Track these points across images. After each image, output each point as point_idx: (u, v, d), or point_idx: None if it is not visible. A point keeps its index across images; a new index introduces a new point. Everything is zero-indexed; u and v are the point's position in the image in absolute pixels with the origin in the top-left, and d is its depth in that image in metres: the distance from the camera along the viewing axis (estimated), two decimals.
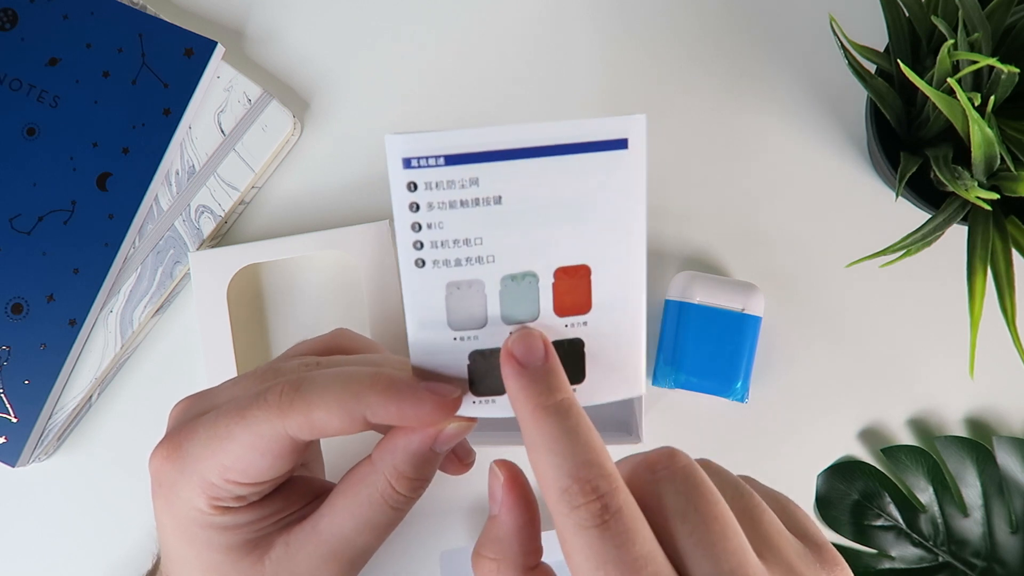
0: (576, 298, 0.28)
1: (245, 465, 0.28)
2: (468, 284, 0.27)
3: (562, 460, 0.23)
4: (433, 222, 0.27)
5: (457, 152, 0.26)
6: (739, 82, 0.46)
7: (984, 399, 0.44)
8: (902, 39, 0.38)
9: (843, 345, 0.45)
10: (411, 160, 0.26)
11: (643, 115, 0.26)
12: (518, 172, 0.26)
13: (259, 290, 0.46)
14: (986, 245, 0.36)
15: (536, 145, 0.26)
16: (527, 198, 0.27)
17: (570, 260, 0.28)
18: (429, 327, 0.28)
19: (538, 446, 0.24)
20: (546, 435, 0.24)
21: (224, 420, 0.28)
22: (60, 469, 0.46)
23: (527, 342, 0.26)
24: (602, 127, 0.26)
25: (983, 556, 0.43)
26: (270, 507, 0.30)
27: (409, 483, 0.28)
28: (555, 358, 0.26)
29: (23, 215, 0.44)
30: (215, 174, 0.45)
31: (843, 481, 0.44)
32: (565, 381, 0.26)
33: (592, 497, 0.22)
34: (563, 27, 0.47)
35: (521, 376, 0.25)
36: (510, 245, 0.27)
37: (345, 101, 0.47)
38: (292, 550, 0.29)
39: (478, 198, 0.26)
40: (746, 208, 0.45)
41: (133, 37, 0.44)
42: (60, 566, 0.45)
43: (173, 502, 0.29)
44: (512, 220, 0.27)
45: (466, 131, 0.26)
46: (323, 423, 0.27)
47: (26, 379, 0.43)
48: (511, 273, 0.28)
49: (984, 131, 0.33)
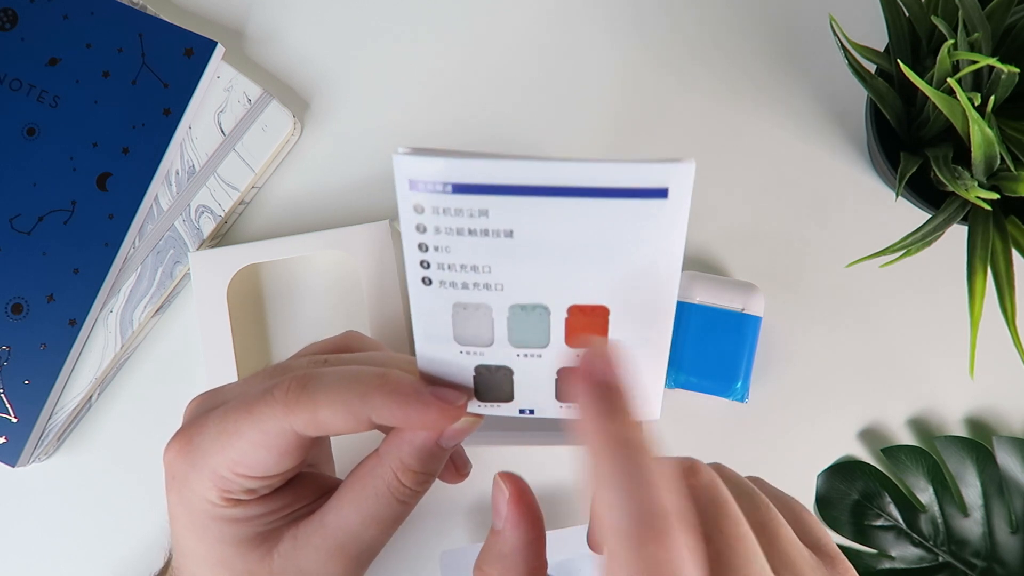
0: (591, 333, 0.26)
1: (252, 460, 0.28)
2: (475, 307, 0.26)
3: (629, 499, 0.21)
4: (440, 245, 0.24)
5: (465, 182, 0.23)
6: (739, 82, 0.46)
7: (984, 399, 0.44)
8: (902, 39, 0.38)
9: (843, 345, 0.45)
10: (417, 183, 0.23)
11: (691, 163, 0.22)
12: (535, 209, 0.23)
13: (259, 290, 0.46)
14: (986, 245, 0.36)
15: (560, 185, 0.23)
16: (542, 235, 0.24)
17: (587, 300, 0.25)
18: (435, 340, 0.27)
19: (606, 480, 0.21)
20: (618, 470, 0.21)
21: (233, 415, 0.28)
22: (60, 469, 0.46)
23: (604, 356, 0.23)
24: (639, 174, 0.23)
25: (983, 556, 0.43)
26: (280, 501, 0.30)
27: (415, 477, 0.29)
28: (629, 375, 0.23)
29: (23, 215, 0.44)
30: (215, 174, 0.45)
31: (843, 481, 0.44)
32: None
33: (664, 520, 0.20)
34: (564, 28, 0.47)
35: (598, 400, 0.23)
36: (521, 277, 0.25)
37: (345, 101, 0.47)
38: (299, 543, 0.29)
39: (487, 229, 0.24)
40: (746, 208, 0.45)
41: (133, 37, 0.44)
42: (60, 566, 0.45)
43: (185, 495, 0.29)
44: (524, 254, 0.24)
45: (479, 160, 0.23)
46: (328, 422, 0.27)
47: (26, 379, 0.43)
48: (520, 303, 0.26)
49: (984, 131, 0.33)
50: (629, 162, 0.22)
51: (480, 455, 0.44)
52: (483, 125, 0.46)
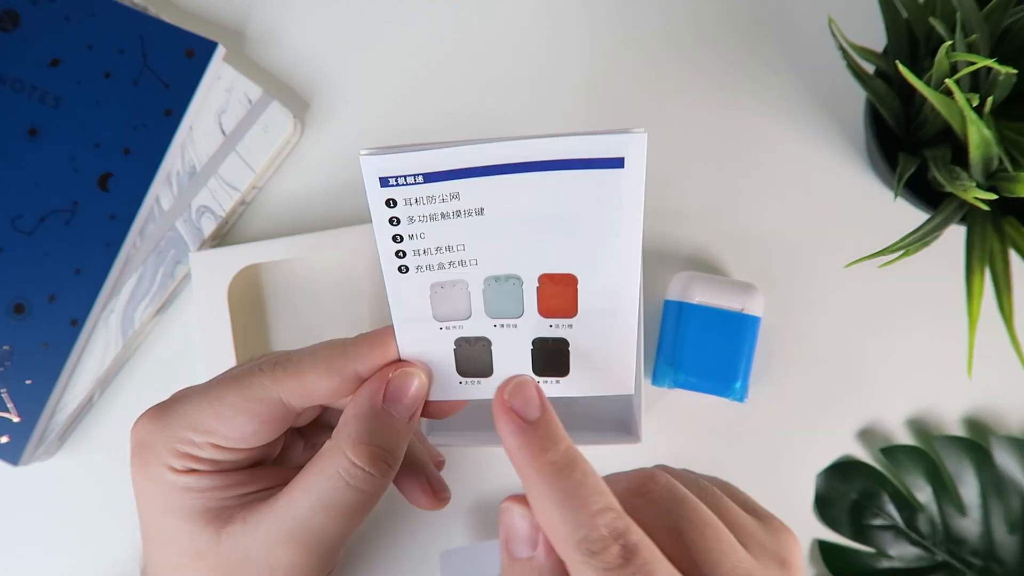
0: (561, 303, 0.28)
1: (229, 428, 0.29)
2: (452, 284, 0.27)
3: (577, 513, 0.23)
4: (415, 233, 0.26)
5: (436, 170, 0.25)
6: (738, 83, 0.46)
7: (982, 399, 0.44)
8: (900, 40, 0.38)
9: (842, 345, 0.45)
10: (388, 179, 0.25)
11: (643, 133, 0.24)
12: (502, 186, 0.25)
13: (260, 290, 0.46)
14: (984, 245, 0.36)
15: (523, 161, 0.25)
16: (511, 210, 0.26)
17: (555, 268, 0.27)
18: (414, 322, 0.28)
19: (547, 501, 0.24)
20: (556, 490, 0.24)
21: (217, 385, 0.29)
22: (62, 468, 0.46)
23: (523, 393, 0.25)
24: (596, 145, 0.24)
25: (981, 555, 0.43)
26: (237, 478, 0.30)
27: (367, 451, 0.28)
28: (550, 408, 0.26)
29: (25, 215, 0.44)
30: (216, 174, 0.45)
31: (842, 481, 0.44)
32: (562, 428, 0.25)
33: (611, 541, 0.23)
34: (562, 29, 0.47)
35: (522, 433, 0.25)
36: (493, 250, 0.27)
37: (345, 101, 0.47)
38: (249, 527, 0.29)
39: (459, 210, 0.26)
40: (745, 208, 0.45)
41: (134, 38, 0.44)
42: (62, 565, 0.45)
43: (148, 461, 0.29)
44: (495, 229, 0.26)
45: (445, 150, 0.24)
46: (314, 384, 0.28)
47: (28, 379, 0.43)
48: (494, 275, 0.27)
49: (982, 132, 0.33)
50: (587, 134, 0.24)
51: (465, 456, 0.45)
52: (483, 125, 0.46)
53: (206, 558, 0.29)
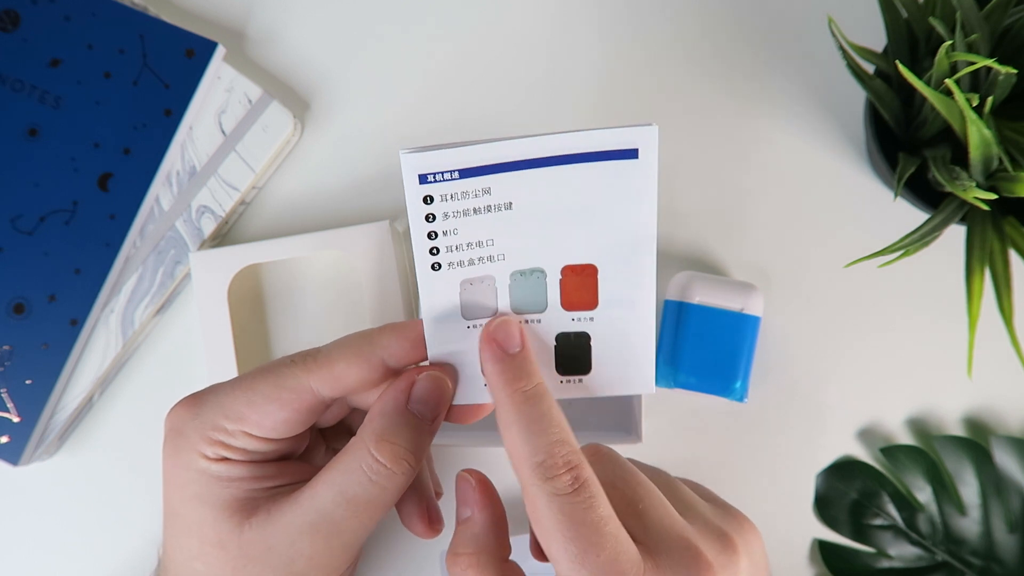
0: (583, 295, 0.29)
1: (261, 416, 0.29)
2: (480, 280, 0.29)
3: (537, 438, 0.26)
4: (448, 229, 0.28)
5: (470, 166, 0.27)
6: (738, 83, 0.46)
7: (982, 399, 0.44)
8: (900, 40, 0.38)
9: (842, 345, 0.45)
10: (427, 176, 0.27)
11: (654, 126, 0.27)
12: (529, 180, 0.27)
13: (260, 290, 0.46)
14: (984, 245, 0.36)
15: (548, 155, 0.27)
16: (537, 203, 0.28)
17: (577, 260, 0.29)
18: (443, 319, 0.29)
19: (513, 425, 0.27)
20: (523, 416, 0.27)
21: (249, 376, 0.30)
22: (62, 468, 0.46)
23: (506, 329, 0.28)
24: (612, 138, 0.27)
25: (981, 555, 0.43)
26: (266, 470, 0.30)
27: (390, 448, 0.29)
28: (529, 347, 0.29)
29: (25, 215, 0.44)
30: (216, 174, 0.45)
31: (842, 480, 0.44)
32: (538, 368, 0.28)
33: (565, 469, 0.26)
34: (565, 29, 0.47)
35: (500, 361, 0.28)
36: (519, 244, 0.28)
37: (345, 101, 0.47)
38: (272, 518, 0.29)
39: (490, 205, 0.28)
40: (745, 208, 0.45)
41: (134, 38, 0.44)
42: (63, 565, 0.45)
43: (179, 447, 0.30)
44: (522, 223, 0.28)
45: (480, 146, 0.27)
46: (344, 373, 0.29)
47: (28, 379, 0.43)
48: (520, 269, 0.29)
49: (982, 132, 0.33)
50: (603, 129, 0.27)
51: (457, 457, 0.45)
52: (483, 124, 0.46)
53: (228, 548, 0.29)
